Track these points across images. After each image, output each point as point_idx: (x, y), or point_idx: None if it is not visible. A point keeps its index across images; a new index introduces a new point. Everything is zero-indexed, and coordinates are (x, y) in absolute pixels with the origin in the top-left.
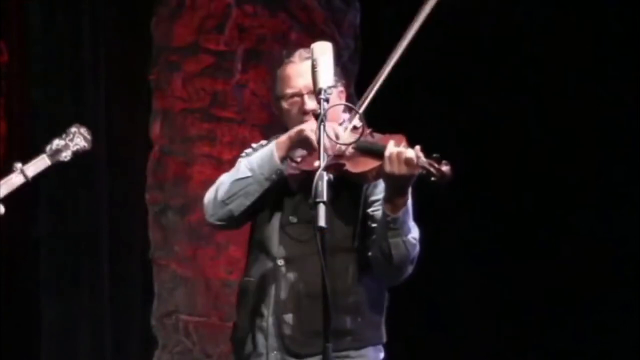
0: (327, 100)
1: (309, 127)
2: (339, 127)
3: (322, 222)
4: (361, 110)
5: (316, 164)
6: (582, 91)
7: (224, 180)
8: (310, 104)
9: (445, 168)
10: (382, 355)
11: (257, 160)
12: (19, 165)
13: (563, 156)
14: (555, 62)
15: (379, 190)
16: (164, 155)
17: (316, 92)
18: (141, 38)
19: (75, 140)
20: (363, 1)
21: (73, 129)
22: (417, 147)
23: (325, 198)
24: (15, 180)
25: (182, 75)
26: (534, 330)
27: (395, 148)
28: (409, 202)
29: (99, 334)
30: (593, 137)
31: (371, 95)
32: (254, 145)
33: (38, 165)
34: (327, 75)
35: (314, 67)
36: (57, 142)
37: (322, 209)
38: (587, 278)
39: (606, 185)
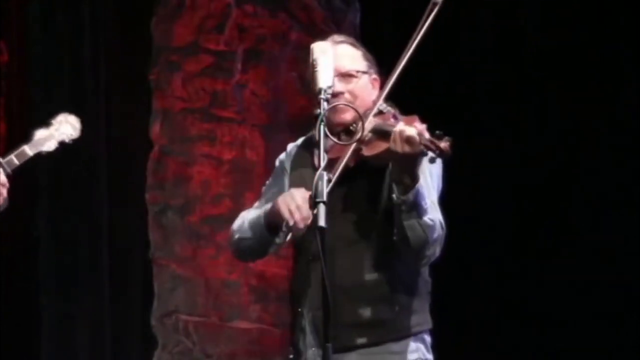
0: (327, 101)
1: (282, 199)
2: (301, 194)
3: (322, 222)
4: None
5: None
6: (582, 91)
7: (244, 221)
8: (339, 86)
9: (444, 145)
10: (421, 345)
11: (252, 224)
12: None
13: (563, 156)
14: (555, 62)
15: None
16: (164, 155)
17: (316, 91)
18: (141, 38)
19: (62, 129)
20: (363, 1)
21: (59, 118)
22: (423, 126)
23: (325, 198)
24: None
25: (182, 75)
26: (534, 330)
27: (399, 127)
28: (422, 183)
29: (99, 334)
30: (594, 137)
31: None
32: (282, 156)
33: (19, 157)
34: (327, 75)
35: (313, 67)
36: (40, 132)
37: (322, 209)
38: (587, 278)
39: (606, 184)
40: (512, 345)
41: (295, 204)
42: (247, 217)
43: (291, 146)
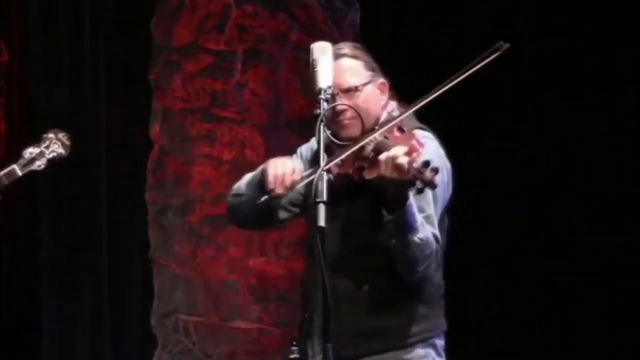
0: (327, 101)
1: (273, 162)
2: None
3: (322, 222)
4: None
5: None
6: (579, 98)
7: (242, 180)
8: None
9: (429, 176)
10: (431, 350)
11: (248, 181)
12: None
13: (563, 157)
14: (552, 69)
15: None
16: (164, 155)
17: (316, 91)
18: (141, 38)
19: (52, 147)
20: (363, 1)
21: (50, 135)
22: (417, 151)
23: (325, 198)
24: None
25: (182, 75)
26: (535, 330)
27: (391, 152)
28: (411, 202)
29: (99, 334)
30: (592, 139)
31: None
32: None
33: (8, 176)
34: (327, 75)
35: (313, 67)
36: (30, 151)
37: (322, 209)
38: (587, 278)
39: (606, 185)
40: (512, 345)
41: (282, 170)
42: (246, 176)
43: (303, 149)
